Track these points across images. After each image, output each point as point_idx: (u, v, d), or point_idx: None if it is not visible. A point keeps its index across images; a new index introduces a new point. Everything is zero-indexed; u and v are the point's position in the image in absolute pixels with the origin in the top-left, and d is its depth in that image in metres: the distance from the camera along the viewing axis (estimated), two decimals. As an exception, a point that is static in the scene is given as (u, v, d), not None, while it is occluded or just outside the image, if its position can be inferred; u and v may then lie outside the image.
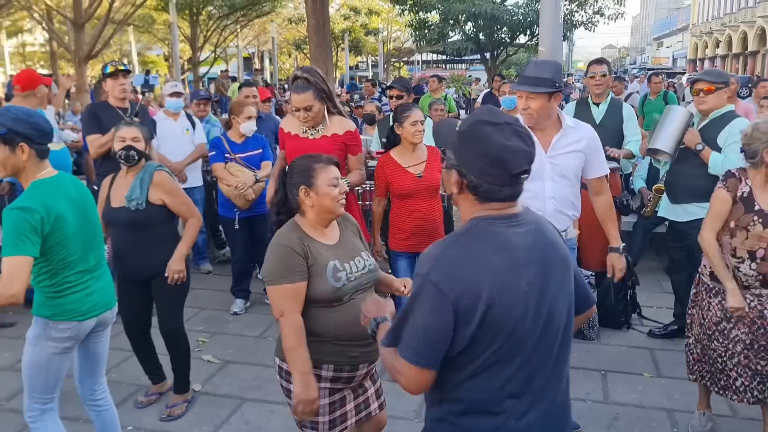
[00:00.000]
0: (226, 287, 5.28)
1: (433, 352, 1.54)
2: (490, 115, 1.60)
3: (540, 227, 1.65)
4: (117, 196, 3.38)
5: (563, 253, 1.67)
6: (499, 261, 1.53)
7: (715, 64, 46.94)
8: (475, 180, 1.56)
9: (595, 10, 20.23)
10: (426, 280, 1.54)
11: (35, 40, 33.48)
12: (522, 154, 1.54)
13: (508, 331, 1.52)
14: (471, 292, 1.50)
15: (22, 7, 17.50)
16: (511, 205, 1.61)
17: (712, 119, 3.95)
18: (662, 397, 3.71)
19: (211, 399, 3.73)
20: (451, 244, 1.59)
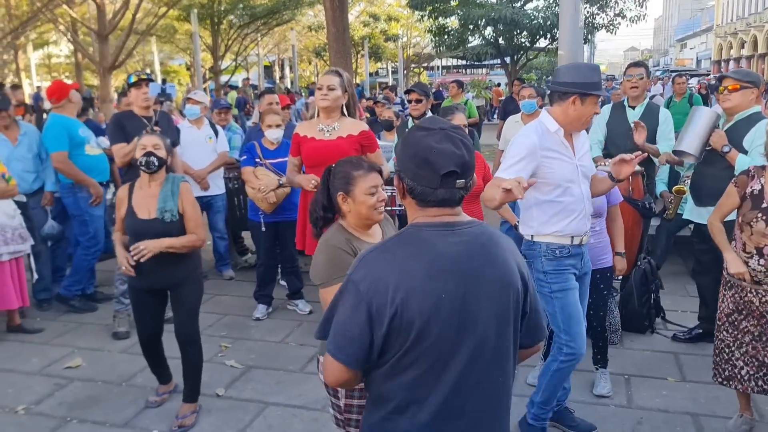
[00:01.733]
0: (249, 293, 5.33)
1: (352, 349, 1.58)
2: (426, 122, 1.67)
3: (478, 240, 1.64)
4: (143, 208, 3.37)
5: (504, 271, 1.64)
6: (417, 266, 1.56)
7: (740, 64, 46.22)
8: (410, 182, 1.62)
9: (617, 12, 20.07)
10: (349, 278, 1.62)
11: (60, 52, 34.12)
12: (449, 156, 1.58)
13: (416, 336, 1.54)
14: (383, 293, 1.54)
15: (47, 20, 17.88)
16: (448, 212, 1.63)
17: (738, 120, 3.89)
18: (687, 402, 3.66)
19: (234, 403, 3.77)
20: (378, 247, 1.66)
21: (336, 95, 3.90)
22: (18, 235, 4.65)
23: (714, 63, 52.42)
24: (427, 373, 1.59)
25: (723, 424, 3.42)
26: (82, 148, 5.04)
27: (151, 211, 3.36)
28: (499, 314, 1.63)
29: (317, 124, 3.99)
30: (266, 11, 24.55)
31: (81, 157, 5.02)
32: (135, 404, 3.75)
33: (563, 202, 2.98)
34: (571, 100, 2.92)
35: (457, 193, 1.62)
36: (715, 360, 3.35)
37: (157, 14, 18.62)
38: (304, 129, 4.05)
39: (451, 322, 1.56)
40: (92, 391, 3.94)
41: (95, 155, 5.15)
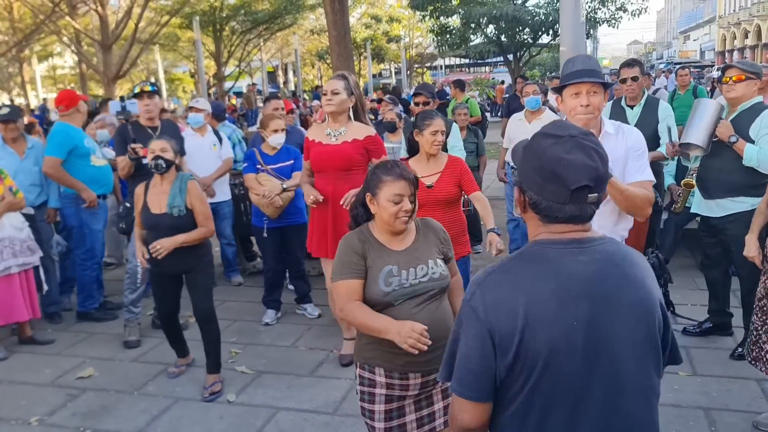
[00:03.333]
0: (257, 299, 5.34)
1: (478, 382, 1.43)
2: (553, 128, 1.49)
3: (613, 259, 1.46)
4: (156, 204, 3.80)
5: (639, 295, 1.46)
6: (544, 289, 1.40)
7: (744, 55, 45.95)
8: (534, 197, 1.46)
9: (618, 6, 19.97)
10: (467, 305, 1.46)
11: (65, 63, 34.34)
12: (582, 169, 1.40)
13: (544, 369, 1.38)
14: (507, 320, 1.39)
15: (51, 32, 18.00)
16: (576, 228, 1.46)
17: (742, 111, 3.88)
18: (699, 396, 3.65)
19: (246, 409, 3.78)
20: (497, 268, 1.48)
21: (341, 99, 3.91)
22: (26, 248, 4.68)
23: (718, 54, 52.12)
24: (560, 412, 1.41)
25: (735, 417, 3.41)
26: (88, 159, 5.08)
27: (162, 206, 3.78)
28: (637, 344, 1.44)
29: (326, 129, 4.02)
30: (268, 16, 24.62)
31: (87, 167, 5.05)
32: (148, 413, 3.77)
33: None
34: (559, 98, 2.76)
35: (589, 209, 1.45)
36: (747, 340, 3.44)
37: (159, 23, 18.74)
38: (314, 133, 4.09)
39: (584, 353, 1.39)
40: (105, 400, 3.96)
41: (100, 166, 5.18)
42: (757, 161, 3.75)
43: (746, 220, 3.83)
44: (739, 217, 3.88)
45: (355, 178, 3.90)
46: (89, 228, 5.10)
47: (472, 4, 19.37)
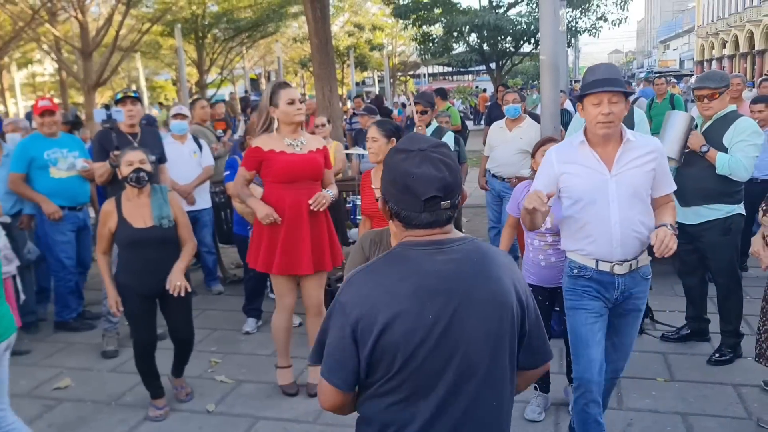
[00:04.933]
0: (237, 307, 5.31)
1: (342, 372, 1.55)
2: (405, 143, 1.60)
3: (470, 257, 1.57)
4: (138, 218, 3.58)
5: (497, 289, 1.56)
6: (404, 287, 1.51)
7: (722, 64, 46.71)
8: (394, 207, 1.58)
9: (599, 15, 20.19)
10: (336, 300, 1.58)
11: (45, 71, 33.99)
12: (430, 180, 1.51)
13: (404, 359, 1.49)
14: (369, 314, 1.50)
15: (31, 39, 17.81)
16: (437, 231, 1.57)
17: (716, 120, 3.96)
18: (676, 402, 3.68)
19: (225, 419, 3.74)
20: (365, 267, 1.60)
21: (303, 108, 3.78)
22: (3, 257, 4.61)
23: (697, 63, 52.93)
24: (413, 396, 1.53)
25: (713, 422, 3.45)
26: (46, 171, 4.95)
27: (146, 219, 3.58)
28: (491, 335, 1.55)
29: (281, 139, 3.74)
30: (250, 24, 24.56)
31: (46, 179, 4.94)
32: (125, 423, 3.73)
33: (581, 219, 2.77)
34: (580, 106, 2.76)
35: (444, 214, 1.55)
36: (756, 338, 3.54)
37: (140, 30, 18.60)
38: (267, 143, 3.73)
39: (438, 344, 1.50)
40: (82, 411, 3.91)
41: (61, 178, 5.00)
42: (729, 169, 3.83)
43: (721, 227, 3.91)
44: (715, 225, 3.95)
45: (317, 187, 3.85)
46: (52, 239, 5.01)
47: (455, 12, 19.50)
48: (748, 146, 3.81)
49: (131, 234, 3.55)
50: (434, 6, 20.24)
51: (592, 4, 19.86)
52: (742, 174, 3.83)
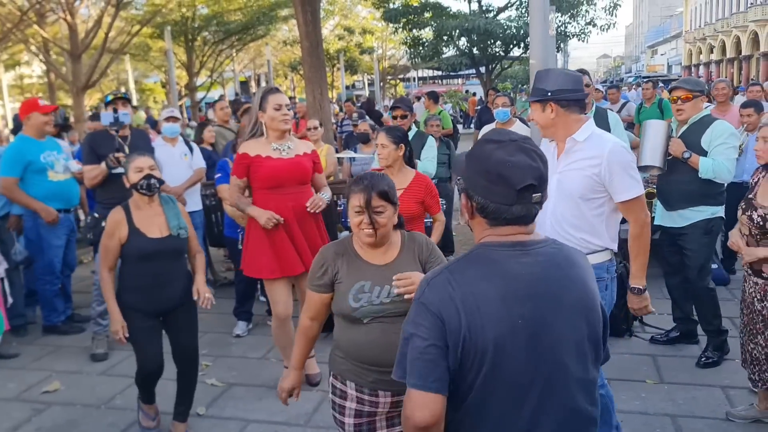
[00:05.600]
0: (228, 310, 5.29)
1: (435, 372, 1.44)
2: (494, 135, 1.56)
3: (555, 260, 1.53)
4: (153, 227, 3.31)
5: (581, 295, 1.53)
6: (490, 289, 1.45)
7: (710, 69, 47.17)
8: (481, 200, 1.51)
9: (587, 21, 20.34)
10: (419, 303, 1.50)
11: (33, 72, 33.74)
12: (526, 169, 1.47)
13: (491, 365, 1.44)
14: (455, 315, 1.43)
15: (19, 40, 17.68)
16: (521, 230, 1.52)
17: (692, 124, 4.03)
18: (666, 403, 3.71)
19: (216, 422, 3.73)
20: (445, 268, 1.54)
21: (291, 114, 3.81)
22: (-8, 259, 4.58)
23: (684, 68, 53.39)
24: (506, 404, 1.46)
25: (701, 424, 3.48)
26: (44, 174, 4.90)
27: (162, 229, 3.32)
28: (579, 341, 1.51)
29: (268, 144, 3.75)
30: (240, 27, 24.51)
31: (45, 183, 4.89)
32: (115, 427, 3.71)
33: None
34: None
35: (534, 208, 1.51)
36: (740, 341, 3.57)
37: (130, 32, 18.52)
38: (253, 149, 3.74)
39: (528, 350, 1.44)
40: (71, 414, 3.88)
41: (59, 181, 4.98)
42: (713, 173, 3.88)
43: (702, 227, 3.99)
44: (697, 226, 4.02)
45: (309, 192, 3.85)
46: (47, 243, 4.97)
47: (445, 17, 19.58)
48: (728, 149, 3.90)
49: (145, 245, 3.26)
50: (424, 10, 20.32)
51: (581, 10, 20.01)
52: (725, 176, 3.91)
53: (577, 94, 2.80)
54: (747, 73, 38.74)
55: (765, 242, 3.19)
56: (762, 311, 3.22)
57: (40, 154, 4.92)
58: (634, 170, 2.78)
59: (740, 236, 3.36)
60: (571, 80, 2.81)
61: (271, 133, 3.76)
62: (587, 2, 19.93)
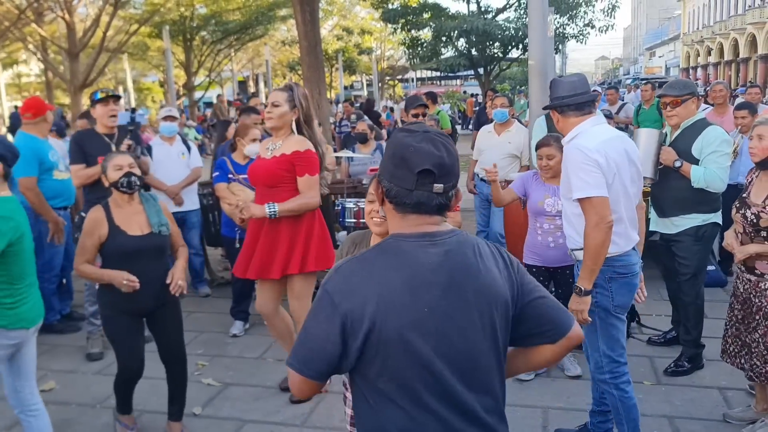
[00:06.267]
0: (225, 310, 5.28)
1: (315, 361, 1.51)
2: (412, 126, 1.63)
3: (459, 249, 1.57)
4: (134, 225, 3.30)
5: (489, 281, 1.57)
6: (397, 278, 1.49)
7: (708, 71, 47.30)
8: (386, 184, 1.57)
9: (586, 22, 20.36)
10: (323, 288, 1.54)
11: (31, 71, 33.73)
12: (426, 155, 1.51)
13: (398, 350, 1.48)
14: (359, 306, 1.47)
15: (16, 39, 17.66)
16: (428, 221, 1.57)
17: (684, 129, 3.93)
18: (663, 404, 3.70)
19: (212, 422, 3.72)
20: (355, 258, 1.58)
21: (281, 111, 3.62)
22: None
23: (682, 70, 53.54)
24: (419, 391, 1.51)
25: (699, 425, 3.48)
26: (51, 173, 4.89)
27: (143, 227, 3.30)
28: (485, 327, 1.56)
29: (269, 143, 3.80)
30: (239, 27, 24.54)
31: (49, 181, 4.86)
32: (110, 426, 3.69)
33: None
34: None
35: (435, 198, 1.53)
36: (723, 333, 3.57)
37: (128, 32, 18.52)
38: (262, 147, 3.90)
39: (437, 338, 1.49)
40: (66, 414, 3.87)
41: (63, 180, 4.98)
42: (705, 182, 3.79)
43: (692, 234, 3.93)
44: (687, 232, 3.96)
45: (280, 195, 3.68)
46: (48, 242, 4.97)
47: (443, 17, 19.58)
48: (720, 157, 3.78)
49: (126, 243, 3.24)
50: (423, 11, 20.32)
51: (579, 11, 20.03)
52: (718, 186, 3.82)
53: (576, 98, 2.93)
54: (745, 75, 38.87)
55: (758, 240, 3.21)
56: (760, 306, 3.24)
57: (48, 153, 4.92)
58: (584, 171, 2.79)
59: (735, 236, 3.36)
60: (568, 85, 2.97)
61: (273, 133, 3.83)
62: (586, 4, 19.95)
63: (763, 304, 3.22)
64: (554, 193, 3.85)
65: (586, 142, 2.84)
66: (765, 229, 3.16)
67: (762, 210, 3.15)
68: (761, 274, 3.22)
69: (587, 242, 2.82)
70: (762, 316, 3.23)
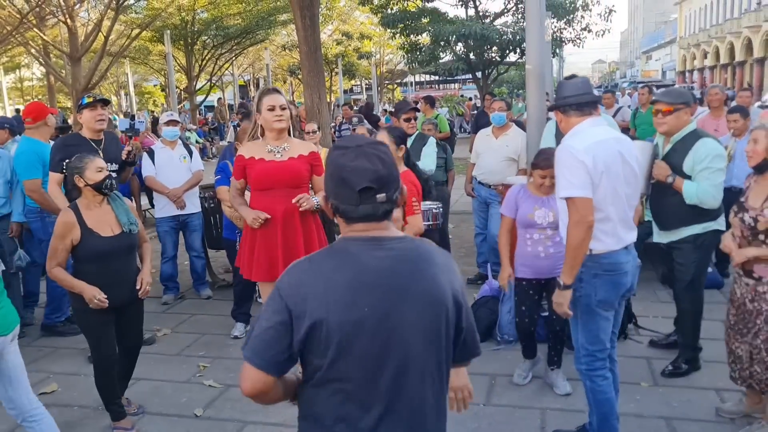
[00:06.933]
0: (226, 312, 5.32)
1: (268, 353, 1.58)
2: (345, 141, 1.69)
3: (407, 255, 1.63)
4: (105, 226, 3.39)
5: (431, 286, 1.62)
6: (341, 278, 1.56)
7: (704, 75, 47.37)
8: (334, 202, 1.64)
9: (583, 27, 20.43)
10: (276, 285, 1.63)
11: (33, 75, 33.79)
12: (363, 173, 1.58)
13: (338, 350, 1.54)
14: (303, 301, 1.55)
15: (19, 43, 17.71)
16: (375, 227, 1.63)
17: (675, 143, 3.86)
18: (661, 406, 3.74)
19: (213, 423, 3.75)
20: (306, 258, 1.66)
21: (288, 114, 3.73)
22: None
23: (679, 74, 53.62)
24: (356, 389, 1.58)
25: (696, 426, 3.51)
26: None
27: (113, 227, 3.42)
28: (426, 331, 1.61)
29: (264, 146, 3.76)
30: (239, 31, 24.61)
31: None
32: (112, 429, 3.72)
33: None
34: None
35: (380, 207, 1.61)
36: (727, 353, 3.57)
37: (130, 36, 18.58)
38: (249, 151, 3.79)
39: (374, 336, 1.56)
40: (68, 416, 3.89)
41: None
42: (698, 199, 3.74)
43: (692, 242, 3.92)
44: (687, 239, 3.94)
45: (302, 193, 3.80)
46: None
47: (442, 22, 19.60)
48: (713, 173, 3.71)
49: (100, 244, 3.35)
50: (421, 15, 20.36)
51: (576, 15, 20.10)
52: (711, 203, 3.76)
53: (578, 98, 3.01)
54: (741, 78, 38.92)
55: (756, 243, 3.23)
56: (753, 311, 3.26)
57: None
58: (570, 171, 2.86)
59: (732, 239, 3.39)
60: (572, 86, 3.06)
61: (267, 134, 3.77)
62: (583, 8, 20.02)
63: (763, 308, 3.21)
64: (543, 204, 3.82)
65: (576, 142, 2.91)
66: (763, 233, 3.18)
67: (760, 214, 3.18)
68: (759, 278, 3.23)
69: (568, 239, 2.92)
70: (763, 320, 3.21)
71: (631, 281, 3.13)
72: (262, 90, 3.86)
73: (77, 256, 3.40)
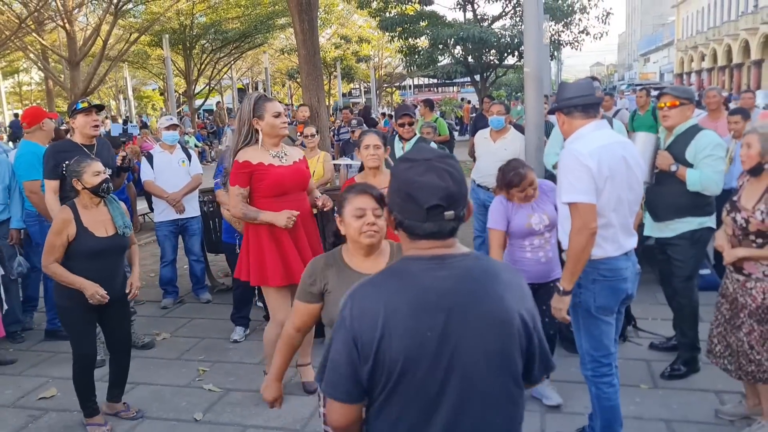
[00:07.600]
0: (225, 316, 5.31)
1: (346, 384, 1.54)
2: (412, 153, 1.61)
3: (470, 273, 1.56)
4: (99, 226, 3.51)
5: (496, 307, 1.55)
6: (402, 301, 1.51)
7: (701, 77, 47.46)
8: (398, 216, 1.58)
9: (581, 29, 20.50)
10: (341, 314, 1.57)
11: (31, 80, 33.82)
12: (432, 189, 1.52)
13: (400, 374, 1.50)
14: (369, 329, 1.50)
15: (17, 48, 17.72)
16: (438, 245, 1.57)
17: (678, 135, 3.97)
18: (660, 408, 3.74)
19: (213, 428, 3.75)
20: (368, 281, 1.60)
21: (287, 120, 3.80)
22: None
23: (676, 76, 53.70)
24: (417, 414, 1.53)
25: (696, 428, 3.50)
26: None
27: (107, 228, 3.53)
28: (491, 353, 1.54)
29: (265, 151, 3.69)
30: (238, 35, 24.64)
31: None
32: (85, 425, 3.71)
33: None
34: None
35: (447, 225, 1.55)
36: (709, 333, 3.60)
37: (128, 40, 18.59)
38: (254, 156, 3.65)
39: (437, 361, 1.50)
40: (67, 421, 3.89)
41: None
42: (701, 186, 3.82)
43: (689, 238, 3.96)
44: (684, 236, 3.99)
45: (304, 197, 3.84)
46: None
47: (440, 25, 19.66)
48: (715, 160, 3.82)
49: (93, 244, 3.46)
50: (420, 19, 20.42)
51: (574, 18, 20.17)
52: (714, 189, 3.84)
53: (584, 99, 2.97)
54: (738, 80, 39.00)
55: (746, 242, 3.26)
56: (745, 304, 3.29)
57: None
58: (574, 176, 2.83)
59: (725, 237, 3.41)
60: (575, 88, 3.02)
61: (267, 140, 3.71)
62: (580, 11, 20.09)
63: (748, 302, 3.28)
64: (534, 210, 3.74)
65: (581, 146, 2.87)
66: (753, 233, 3.22)
67: (751, 215, 3.21)
68: (748, 274, 3.28)
69: (570, 245, 2.88)
70: (746, 314, 3.29)
71: (630, 287, 3.12)
72: (259, 96, 3.76)
73: (69, 253, 3.48)
